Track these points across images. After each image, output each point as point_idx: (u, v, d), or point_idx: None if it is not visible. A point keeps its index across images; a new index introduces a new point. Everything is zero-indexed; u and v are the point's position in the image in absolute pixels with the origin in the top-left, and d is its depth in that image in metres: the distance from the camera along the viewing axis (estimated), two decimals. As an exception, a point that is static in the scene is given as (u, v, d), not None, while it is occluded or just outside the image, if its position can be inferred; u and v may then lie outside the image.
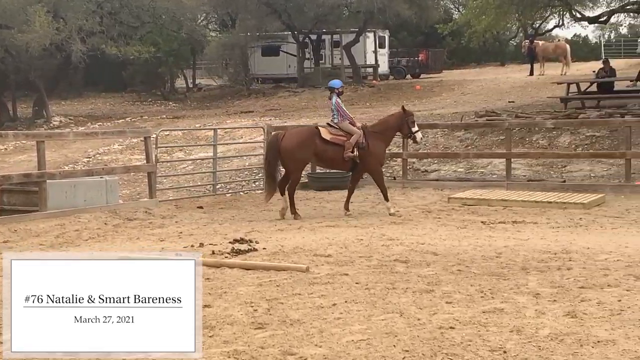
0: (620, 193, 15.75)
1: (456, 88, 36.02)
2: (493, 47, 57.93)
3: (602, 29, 61.53)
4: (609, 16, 26.13)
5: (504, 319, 7.02)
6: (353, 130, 14.24)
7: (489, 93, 32.68)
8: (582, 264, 9.26)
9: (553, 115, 21.58)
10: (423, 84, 40.02)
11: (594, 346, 6.25)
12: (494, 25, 25.46)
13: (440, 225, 12.98)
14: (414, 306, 7.55)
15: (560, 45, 39.78)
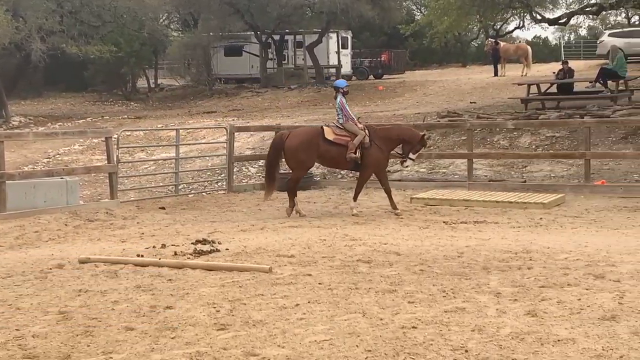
0: (580, 193, 15.95)
1: (418, 89, 36.20)
2: (455, 48, 58.37)
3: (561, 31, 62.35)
4: (568, 18, 26.46)
5: (465, 318, 7.07)
6: (357, 131, 14.22)
7: (450, 94, 32.90)
8: (543, 264, 9.35)
9: (514, 116, 21.79)
10: (386, 84, 40.17)
11: (554, 345, 6.31)
12: (456, 26, 25.65)
13: (402, 225, 13.04)
14: (377, 306, 7.57)
15: (522, 46, 40.15)
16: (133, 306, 7.73)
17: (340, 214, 14.56)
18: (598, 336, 6.47)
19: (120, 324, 7.13)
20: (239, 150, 22.28)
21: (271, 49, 44.75)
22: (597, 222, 12.97)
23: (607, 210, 14.07)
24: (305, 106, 34.35)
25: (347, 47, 46.40)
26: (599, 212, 13.90)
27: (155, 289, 8.46)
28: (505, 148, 20.02)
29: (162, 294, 8.23)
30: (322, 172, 20.35)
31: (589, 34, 61.34)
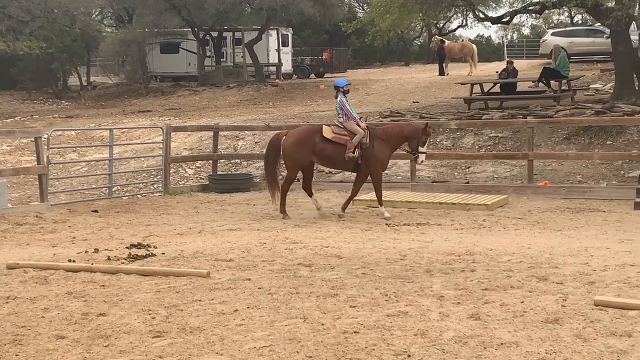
0: (523, 194, 16.21)
1: (360, 88, 36.37)
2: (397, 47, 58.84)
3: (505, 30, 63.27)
4: (511, 17, 26.79)
5: (408, 323, 7.13)
6: (357, 130, 14.17)
7: (393, 93, 33.14)
8: (486, 266, 9.48)
9: (457, 116, 22.04)
10: (327, 83, 40.24)
11: (497, 348, 6.40)
12: (398, 24, 25.77)
13: (344, 227, 13.09)
14: (318, 311, 7.58)
15: (467, 45, 40.61)
16: (64, 313, 7.62)
17: (280, 216, 14.54)
18: (541, 339, 6.58)
19: (50, 332, 7.02)
20: (176, 150, 22.12)
21: (209, 46, 44.51)
22: (540, 223, 13.20)
23: (550, 212, 14.33)
24: (244, 105, 34.26)
25: (287, 45, 46.41)
26: (542, 214, 14.14)
27: (87, 295, 8.35)
28: (448, 148, 20.24)
29: (94, 300, 8.13)
30: (262, 174, 20.32)
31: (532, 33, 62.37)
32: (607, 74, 29.14)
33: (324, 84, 39.39)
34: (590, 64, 35.74)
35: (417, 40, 62.97)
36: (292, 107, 31.24)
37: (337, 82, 14.87)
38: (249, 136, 23.14)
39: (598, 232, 12.13)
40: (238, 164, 21.34)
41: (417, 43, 63.40)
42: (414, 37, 61.41)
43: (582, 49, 37.70)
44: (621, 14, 20.42)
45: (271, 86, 39.75)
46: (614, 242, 11.13)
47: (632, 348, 6.32)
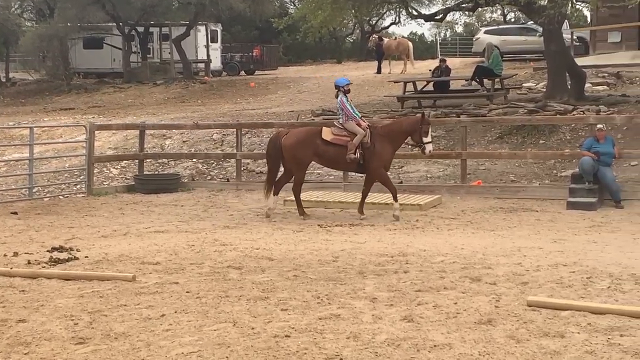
0: (456, 194, 16.40)
1: (292, 86, 36.39)
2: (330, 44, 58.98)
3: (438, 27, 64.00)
4: (444, 14, 27.06)
5: (340, 325, 7.16)
6: (357, 131, 14.02)
7: (325, 91, 33.17)
8: (419, 267, 9.58)
9: (390, 115, 22.17)
10: (258, 81, 40.19)
11: (430, 351, 6.47)
12: (330, 20, 25.82)
13: (275, 229, 13.09)
14: (248, 314, 7.57)
15: (403, 42, 40.90)
16: (-19, 321, 7.46)
17: (210, 218, 14.47)
18: (474, 341, 6.67)
19: (-34, 341, 6.87)
20: (100, 150, 21.82)
21: (135, 42, 43.98)
22: (473, 223, 13.39)
23: (484, 212, 14.53)
24: (172, 103, 33.97)
25: (216, 41, 46.14)
26: (475, 214, 14.34)
27: (6, 301, 8.19)
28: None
29: (14, 306, 7.98)
30: (190, 174, 20.19)
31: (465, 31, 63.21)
32: (540, 73, 29.64)
33: (254, 82, 39.29)
34: (523, 62, 36.32)
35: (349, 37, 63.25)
36: (222, 105, 31.09)
37: (338, 81, 14.79)
38: (177, 135, 22.95)
39: (531, 232, 12.36)
40: (165, 163, 21.15)
41: (349, 40, 63.68)
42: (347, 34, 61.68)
43: (515, 48, 38.28)
44: (554, 12, 20.80)
45: (200, 83, 39.47)
46: (547, 242, 11.35)
47: (565, 349, 6.45)
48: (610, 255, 10.14)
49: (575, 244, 11.10)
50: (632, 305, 7.63)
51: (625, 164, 17.05)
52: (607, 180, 14.83)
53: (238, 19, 48.54)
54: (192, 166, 20.70)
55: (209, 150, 21.42)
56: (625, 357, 6.24)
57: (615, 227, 12.80)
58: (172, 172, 20.33)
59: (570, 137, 19.25)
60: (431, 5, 41.11)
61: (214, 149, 21.71)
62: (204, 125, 21.45)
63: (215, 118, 25.65)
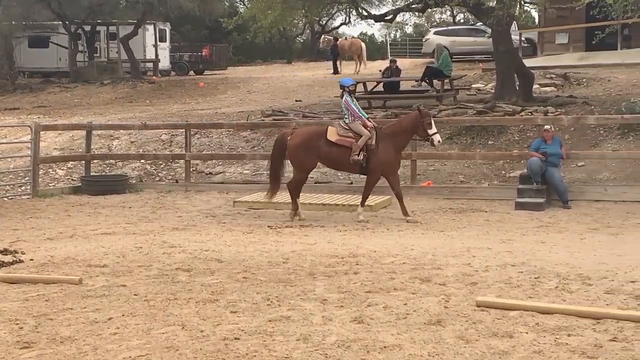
0: (406, 194, 16.39)
1: (242, 86, 36.28)
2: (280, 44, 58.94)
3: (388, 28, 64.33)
4: (394, 15, 27.21)
5: (290, 327, 7.16)
6: (363, 132, 13.87)
7: (275, 91, 33.19)
8: (369, 268, 9.62)
9: (340, 115, 22.22)
10: (207, 81, 40.00)
11: (380, 352, 6.50)
12: (280, 20, 25.83)
13: (225, 230, 13.05)
14: (197, 317, 7.53)
15: (356, 42, 41.01)
16: None
17: (158, 219, 14.37)
18: (424, 341, 6.72)
19: None
20: (46, 150, 21.54)
21: (81, 41, 43.48)
22: (423, 224, 13.49)
23: (433, 212, 14.64)
24: (119, 103, 33.65)
25: (165, 40, 45.80)
26: (425, 214, 14.44)
27: (-52, 305, 8.04)
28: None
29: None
30: (138, 175, 20.03)
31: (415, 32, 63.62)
32: (489, 74, 29.93)
33: (203, 82, 39.10)
34: (472, 63, 36.67)
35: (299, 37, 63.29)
36: (171, 105, 30.89)
37: (343, 81, 14.72)
38: (125, 135, 22.75)
39: (480, 233, 12.48)
40: (113, 164, 20.95)
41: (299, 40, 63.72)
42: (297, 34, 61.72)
43: (464, 49, 38.64)
44: (502, 14, 21.03)
45: (148, 83, 39.14)
46: (496, 242, 11.47)
47: (513, 349, 6.52)
48: (558, 256, 10.29)
49: (524, 245, 11.24)
50: (579, 305, 7.75)
51: (573, 164, 17.31)
52: (555, 181, 15.04)
53: (187, 18, 48.27)
54: (140, 167, 20.54)
55: (158, 151, 21.28)
56: (573, 356, 6.33)
57: (562, 227, 12.99)
58: (120, 173, 20.14)
59: (519, 137, 19.48)
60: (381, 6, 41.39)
61: (163, 149, 21.57)
62: (153, 126, 21.30)
63: (163, 118, 25.47)
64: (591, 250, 10.70)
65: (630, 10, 19.02)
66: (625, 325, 6.99)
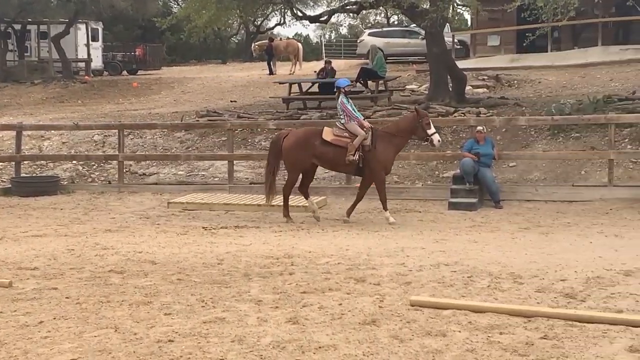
0: (342, 195, 16.56)
1: (176, 86, 36.02)
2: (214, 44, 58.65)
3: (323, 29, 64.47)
4: (329, 16, 27.29)
5: (225, 329, 7.13)
6: (358, 132, 13.70)
7: (210, 92, 33.02)
8: (304, 268, 9.63)
9: (275, 116, 22.23)
10: (140, 81, 39.60)
11: (315, 352, 6.51)
12: (215, 20, 25.68)
13: (159, 232, 12.94)
14: (130, 320, 7.45)
15: (292, 43, 41.01)
16: None
17: (90, 221, 14.19)
18: (359, 341, 6.75)
19: None
20: (-26, 151, 21.10)
21: (11, 40, 42.68)
22: (358, 224, 13.55)
23: (368, 213, 14.72)
24: (50, 103, 33.12)
25: (97, 40, 45.22)
26: (359, 214, 14.50)
27: None
28: (267, 149, 20.30)
29: None
30: (70, 176, 19.73)
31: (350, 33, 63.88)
32: (423, 75, 30.23)
33: (137, 82, 38.71)
34: (406, 64, 36.97)
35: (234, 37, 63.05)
36: (103, 106, 30.52)
37: (339, 83, 14.54)
38: (56, 136, 22.39)
39: (414, 233, 12.60)
40: (44, 165, 20.59)
41: (234, 40, 63.47)
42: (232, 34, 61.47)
43: (399, 50, 38.94)
44: (436, 16, 21.25)
45: (80, 83, 38.59)
46: (429, 242, 11.59)
47: (447, 347, 6.59)
48: (490, 255, 10.43)
49: (457, 244, 11.37)
50: (511, 303, 7.86)
51: (504, 165, 17.56)
52: (487, 181, 15.25)
53: (120, 17, 47.70)
54: (72, 168, 20.23)
55: (90, 152, 21.00)
56: (505, 354, 6.42)
57: (494, 226, 13.18)
58: (51, 174, 19.81)
59: (452, 138, 19.69)
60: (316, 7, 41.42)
61: (95, 150, 21.29)
62: (85, 126, 21.02)
63: (96, 119, 25.15)
64: (522, 250, 10.87)
65: (560, 13, 19.38)
66: (556, 323, 7.11)
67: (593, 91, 23.51)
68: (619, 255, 10.28)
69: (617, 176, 16.09)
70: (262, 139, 20.90)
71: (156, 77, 41.68)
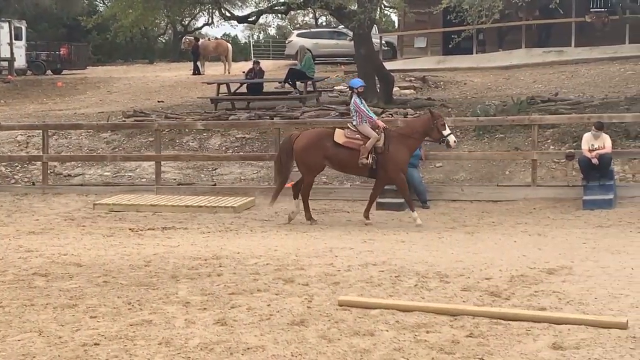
0: (270, 196, 16.49)
1: (102, 86, 35.52)
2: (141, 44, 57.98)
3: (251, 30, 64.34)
4: (257, 16, 27.23)
5: (152, 331, 7.06)
6: (370, 134, 13.42)
7: (137, 92, 32.65)
8: (233, 270, 9.59)
9: (203, 117, 22.10)
10: (65, 80, 38.95)
11: (243, 353, 6.49)
12: (142, 20, 25.42)
13: (85, 233, 12.76)
14: (55, 323, 7.33)
15: (222, 43, 40.76)
16: None
17: (14, 223, 13.91)
18: (287, 342, 6.75)
19: None
20: None
21: None
22: (286, 225, 13.55)
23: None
24: (-28, 103, 32.38)
25: (21, 39, 44.25)
26: (286, 216, 14.49)
27: None
28: (195, 150, 20.24)
29: None
30: (-8, 177, 19.32)
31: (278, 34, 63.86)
32: (351, 76, 30.34)
33: (61, 82, 38.07)
34: (334, 65, 37.10)
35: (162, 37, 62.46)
36: (27, 106, 29.93)
37: (352, 83, 14.34)
38: (-22, 136, 21.91)
39: (342, 233, 12.65)
40: (-35, 166, 20.13)
41: (161, 40, 62.89)
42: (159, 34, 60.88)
43: (327, 51, 39.05)
44: (363, 17, 21.39)
45: (3, 82, 37.79)
46: (358, 242, 11.65)
47: (375, 347, 6.63)
48: (417, 254, 10.53)
49: (384, 244, 11.46)
50: (438, 302, 7.95)
51: (431, 165, 17.75)
52: (414, 182, 15.38)
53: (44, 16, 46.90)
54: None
55: (13, 153, 20.57)
56: (431, 352, 6.49)
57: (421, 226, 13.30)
58: (-27, 175, 19.38)
59: (380, 139, 19.81)
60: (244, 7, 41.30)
61: (19, 151, 20.86)
62: (7, 127, 20.61)
63: (19, 119, 24.67)
64: (448, 249, 11.01)
65: (485, 16, 19.67)
66: (481, 322, 7.22)
67: (517, 93, 23.95)
68: (542, 253, 10.49)
69: (541, 176, 16.40)
70: (190, 140, 20.76)
71: (81, 76, 41.03)
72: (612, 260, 9.88)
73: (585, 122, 16.92)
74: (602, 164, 14.85)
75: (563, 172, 16.69)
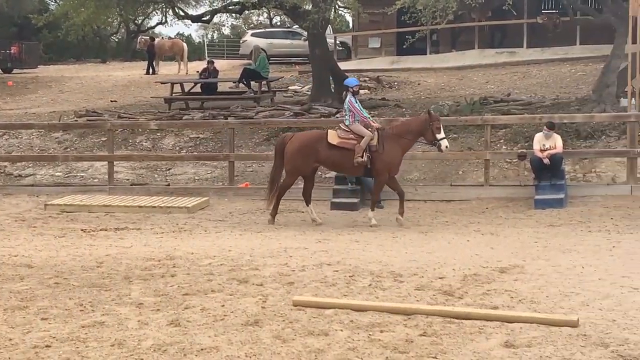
0: (224, 196, 16.49)
1: (53, 85, 35.12)
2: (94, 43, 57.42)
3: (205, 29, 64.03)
4: (211, 16, 27.15)
5: (105, 333, 7.00)
6: (364, 133, 13.28)
7: (89, 91, 32.33)
8: (187, 270, 9.55)
9: (157, 116, 21.97)
10: (16, 79, 38.44)
11: (197, 354, 6.46)
12: (94, 19, 25.19)
13: (36, 234, 12.62)
14: (5, 325, 7.24)
15: (177, 43, 40.53)
16: None
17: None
18: (241, 342, 6.74)
19: None
20: None
21: None
22: (241, 225, 13.53)
23: (251, 213, 14.71)
24: None
25: (-30, 37, 43.75)
26: (242, 215, 14.49)
27: None
28: (148, 150, 20.10)
29: None
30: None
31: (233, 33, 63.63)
32: (305, 76, 30.40)
33: (12, 81, 37.56)
34: (289, 65, 37.09)
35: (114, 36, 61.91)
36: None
37: (348, 82, 14.22)
38: None
39: (297, 233, 12.66)
40: None
41: (114, 39, 62.33)
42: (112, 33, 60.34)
43: (282, 51, 39.03)
44: (318, 17, 21.42)
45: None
46: (312, 242, 11.67)
47: (329, 346, 6.64)
48: (372, 254, 10.57)
49: (339, 244, 11.49)
50: (391, 301, 7.99)
51: (386, 165, 17.80)
52: (368, 182, 15.42)
53: (-6, 14, 46.19)
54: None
55: (-38, 153, 20.28)
56: (385, 351, 6.52)
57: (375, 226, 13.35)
58: None
59: (334, 139, 19.83)
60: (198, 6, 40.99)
61: (-32, 151, 20.57)
62: (-43, 126, 20.28)
63: (-31, 118, 24.29)
64: (402, 248, 11.07)
65: (439, 16, 19.80)
66: (435, 320, 7.27)
67: (470, 93, 24.15)
68: (494, 252, 10.59)
69: (493, 176, 16.56)
70: (144, 140, 20.62)
71: (33, 75, 40.51)
72: (563, 259, 10.02)
73: (537, 122, 17.12)
74: (554, 163, 15.04)
75: (515, 172, 16.87)
